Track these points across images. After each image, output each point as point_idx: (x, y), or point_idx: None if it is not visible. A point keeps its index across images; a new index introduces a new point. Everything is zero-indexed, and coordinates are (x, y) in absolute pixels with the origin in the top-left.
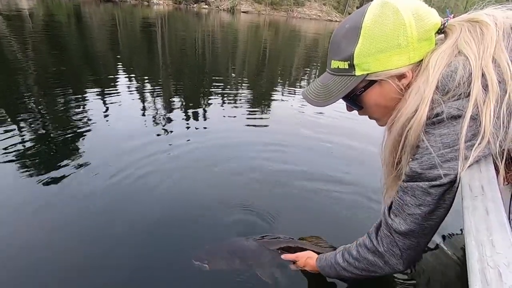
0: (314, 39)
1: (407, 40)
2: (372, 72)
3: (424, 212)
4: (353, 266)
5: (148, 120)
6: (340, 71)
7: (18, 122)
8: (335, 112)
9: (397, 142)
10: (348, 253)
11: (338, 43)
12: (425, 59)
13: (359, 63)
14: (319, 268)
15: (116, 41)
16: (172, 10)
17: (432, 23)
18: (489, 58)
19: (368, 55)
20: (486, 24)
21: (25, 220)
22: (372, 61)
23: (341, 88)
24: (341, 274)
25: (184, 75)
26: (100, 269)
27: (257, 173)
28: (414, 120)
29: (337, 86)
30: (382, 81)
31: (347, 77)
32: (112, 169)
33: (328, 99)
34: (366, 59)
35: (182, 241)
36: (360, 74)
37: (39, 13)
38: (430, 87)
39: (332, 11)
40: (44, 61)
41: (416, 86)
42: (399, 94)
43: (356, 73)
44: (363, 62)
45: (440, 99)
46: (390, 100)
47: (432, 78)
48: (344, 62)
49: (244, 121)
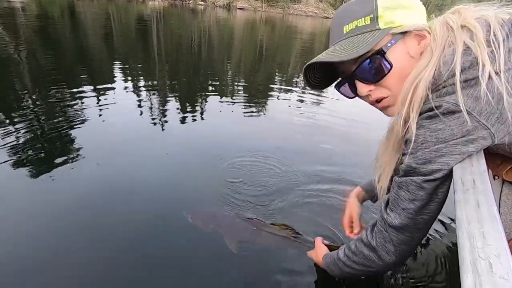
0: (310, 35)
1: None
2: (397, 25)
3: (417, 207)
4: (351, 260)
5: (144, 116)
6: (360, 29)
7: (11, 117)
8: (334, 111)
9: (404, 100)
10: (348, 247)
11: (348, 9)
12: (431, 31)
13: (383, 15)
14: (326, 265)
15: (111, 37)
16: (167, 6)
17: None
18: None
19: (393, 7)
20: (464, 11)
21: (15, 214)
22: (396, 14)
23: (366, 42)
24: (343, 271)
25: (179, 71)
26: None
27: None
28: (422, 75)
29: (359, 42)
30: (406, 37)
31: (369, 33)
32: (105, 164)
33: (356, 51)
34: (391, 11)
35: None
36: (385, 27)
37: (32, 8)
38: (438, 52)
39: (329, 8)
40: (37, 57)
41: (428, 50)
42: (418, 57)
43: (380, 26)
44: (388, 14)
45: (444, 73)
46: (410, 63)
47: (440, 49)
48: (364, 18)
49: (240, 118)
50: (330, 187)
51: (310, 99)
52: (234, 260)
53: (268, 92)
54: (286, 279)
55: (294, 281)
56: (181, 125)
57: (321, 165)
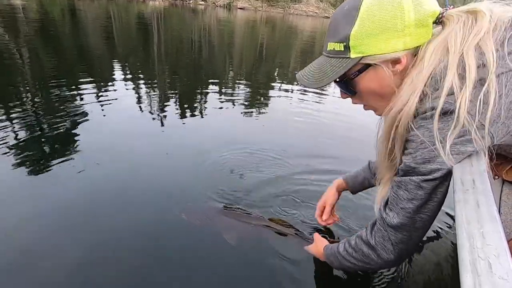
0: (311, 35)
1: (404, 24)
2: (367, 55)
3: (416, 206)
4: (351, 255)
5: (144, 115)
6: (336, 53)
7: (11, 114)
8: (334, 110)
9: (388, 133)
10: (348, 242)
11: (336, 25)
12: (421, 50)
13: (354, 45)
14: (325, 256)
15: (111, 36)
16: (168, 6)
17: (430, 10)
18: (472, 45)
19: (364, 37)
20: (482, 15)
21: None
22: (367, 43)
23: (335, 70)
24: (343, 264)
25: (180, 70)
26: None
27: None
28: (403, 112)
29: (331, 68)
30: (377, 66)
31: (341, 59)
32: (104, 163)
33: (321, 81)
34: (362, 41)
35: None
36: (355, 56)
37: (32, 8)
38: (422, 80)
39: (329, 8)
40: (38, 56)
41: (410, 78)
42: (392, 81)
43: (351, 56)
44: (359, 44)
45: (431, 93)
46: (383, 87)
47: (426, 71)
48: (340, 44)
49: (240, 117)
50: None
51: (311, 98)
52: (231, 258)
53: (268, 91)
54: (284, 274)
55: (293, 276)
56: (181, 125)
57: (324, 163)
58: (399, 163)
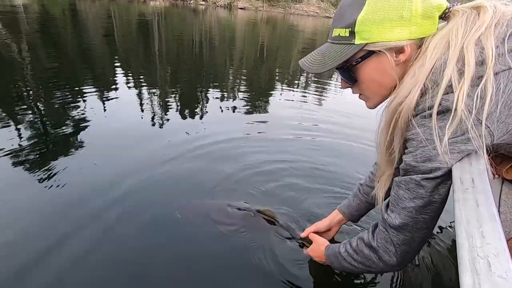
0: (311, 35)
1: (411, 13)
2: (371, 42)
3: (417, 205)
4: (351, 257)
5: (144, 115)
6: (340, 39)
7: (12, 116)
8: (334, 109)
9: (388, 125)
10: (350, 244)
11: (343, 11)
12: (425, 42)
13: (359, 31)
14: (326, 256)
15: (112, 36)
16: (168, 6)
17: (437, 3)
18: (472, 40)
19: (370, 24)
20: (485, 10)
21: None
22: (373, 30)
23: (339, 56)
24: (343, 265)
25: (181, 70)
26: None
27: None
28: (404, 104)
29: (335, 54)
30: (380, 54)
31: (346, 45)
32: (102, 163)
33: (323, 66)
34: (367, 28)
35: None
36: (359, 42)
37: (34, 8)
38: (424, 74)
39: (330, 7)
40: (39, 55)
41: (413, 70)
42: (394, 71)
43: (355, 41)
44: (364, 30)
45: (432, 88)
46: (385, 76)
47: (428, 65)
48: (345, 30)
49: (240, 117)
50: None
51: (312, 98)
52: (230, 258)
53: (268, 91)
54: (284, 274)
55: (293, 276)
56: (181, 124)
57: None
58: (397, 158)
